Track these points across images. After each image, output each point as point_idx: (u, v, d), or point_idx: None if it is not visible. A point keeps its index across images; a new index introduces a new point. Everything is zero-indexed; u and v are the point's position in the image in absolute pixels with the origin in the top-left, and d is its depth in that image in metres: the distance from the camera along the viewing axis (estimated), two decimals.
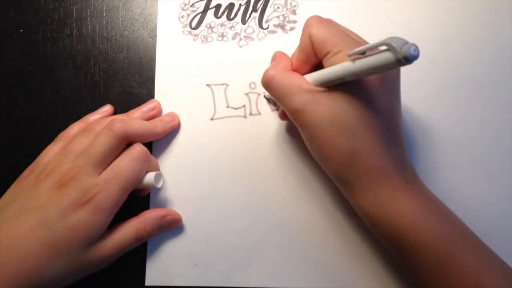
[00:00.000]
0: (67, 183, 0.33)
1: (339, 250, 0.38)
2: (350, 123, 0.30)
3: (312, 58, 0.32)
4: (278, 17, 0.41)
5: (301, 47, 0.33)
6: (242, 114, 0.40)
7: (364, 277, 0.37)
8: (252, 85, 0.40)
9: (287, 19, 0.41)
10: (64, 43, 0.42)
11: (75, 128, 0.38)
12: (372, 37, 0.33)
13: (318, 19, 0.32)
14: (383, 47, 0.25)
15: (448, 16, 0.40)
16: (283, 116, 0.37)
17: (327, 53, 0.31)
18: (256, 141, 0.39)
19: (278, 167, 0.39)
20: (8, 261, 0.30)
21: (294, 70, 0.34)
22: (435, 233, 0.29)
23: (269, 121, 0.39)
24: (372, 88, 0.30)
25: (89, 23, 0.42)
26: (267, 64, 0.39)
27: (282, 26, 0.41)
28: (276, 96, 0.33)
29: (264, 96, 0.40)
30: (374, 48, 0.26)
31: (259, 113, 0.39)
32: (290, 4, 0.41)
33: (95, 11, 0.42)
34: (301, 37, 0.33)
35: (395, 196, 0.30)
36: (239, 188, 0.39)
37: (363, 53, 0.27)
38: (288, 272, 0.38)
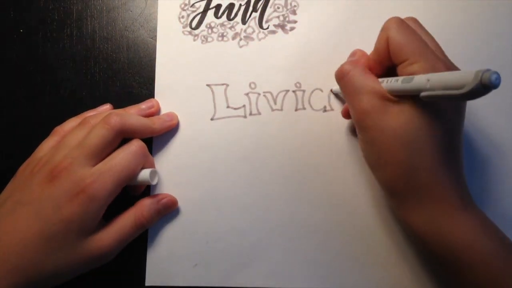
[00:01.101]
0: (59, 174, 0.32)
1: (339, 251, 0.38)
2: (416, 136, 0.29)
3: (387, 61, 0.32)
4: (278, 17, 0.41)
5: (376, 48, 0.32)
6: (242, 114, 0.40)
7: (364, 277, 0.37)
8: (252, 85, 0.40)
9: (287, 19, 0.41)
10: (64, 43, 0.42)
11: (71, 122, 0.38)
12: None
13: (399, 21, 0.31)
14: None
15: (448, 16, 0.40)
16: (346, 114, 0.37)
17: (404, 61, 0.30)
18: (256, 141, 0.39)
19: (278, 167, 0.39)
20: (7, 256, 0.30)
21: (369, 68, 0.33)
22: (489, 252, 0.29)
23: (269, 121, 0.39)
24: (441, 105, 0.29)
25: (89, 23, 0.42)
26: (267, 64, 0.39)
27: (282, 26, 0.41)
28: (347, 92, 0.32)
29: (331, 91, 0.39)
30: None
31: (259, 113, 0.39)
32: (290, 4, 0.41)
33: (95, 11, 0.42)
34: (378, 38, 0.32)
35: (452, 215, 0.30)
36: (239, 188, 0.39)
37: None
38: (288, 272, 0.38)
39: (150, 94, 0.40)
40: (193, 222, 0.38)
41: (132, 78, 0.41)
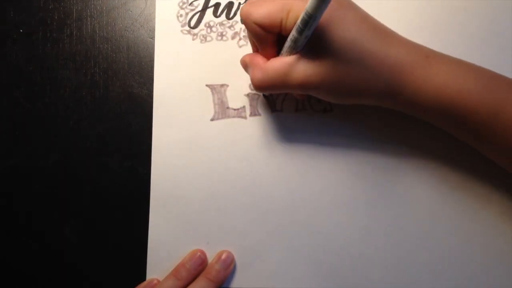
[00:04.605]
0: None
1: (339, 251, 0.38)
2: (342, 53, 0.30)
3: (271, 39, 0.32)
4: None
5: (256, 38, 0.33)
6: (242, 115, 0.40)
7: (364, 277, 0.37)
8: (252, 86, 0.40)
9: None
10: (64, 43, 0.41)
11: None
12: None
13: (249, 4, 0.32)
14: None
15: (448, 16, 0.40)
16: (301, 96, 0.37)
17: (280, 23, 0.31)
18: (256, 142, 0.39)
19: (278, 168, 0.39)
20: None
21: (267, 58, 0.34)
22: (478, 91, 0.30)
23: (269, 122, 0.39)
24: (334, 17, 0.30)
25: (89, 23, 0.42)
26: None
27: None
28: (278, 90, 0.33)
29: (264, 96, 0.40)
30: None
31: (259, 114, 0.39)
32: None
33: (95, 11, 0.42)
34: (249, 31, 0.33)
35: (426, 74, 0.31)
36: (240, 189, 0.39)
37: None
38: (288, 272, 0.38)
39: (150, 94, 0.40)
40: (193, 222, 0.38)
41: (132, 78, 0.41)
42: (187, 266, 0.37)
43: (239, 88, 0.40)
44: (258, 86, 0.33)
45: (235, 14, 0.41)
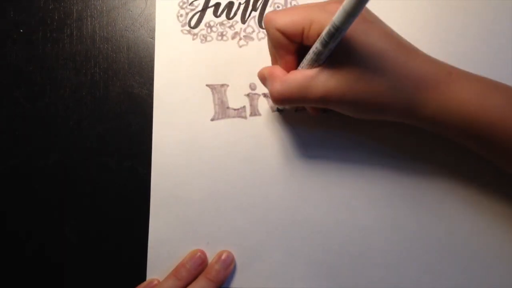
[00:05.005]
0: None
1: (339, 251, 0.38)
2: (367, 66, 0.30)
3: (292, 48, 0.32)
4: None
5: (276, 46, 0.33)
6: (242, 115, 0.40)
7: (364, 277, 0.37)
8: (252, 86, 0.40)
9: None
10: (64, 43, 0.41)
11: None
12: None
13: (273, 12, 0.32)
14: None
15: (448, 16, 0.40)
16: (315, 111, 0.37)
17: (302, 32, 0.31)
18: (256, 142, 0.39)
19: (278, 168, 0.39)
20: None
21: (286, 70, 0.34)
22: (502, 106, 0.30)
23: (269, 122, 0.39)
24: (358, 31, 0.30)
25: (89, 23, 0.42)
26: (267, 64, 0.39)
27: None
28: (297, 103, 0.33)
29: (277, 109, 0.40)
30: None
31: (259, 114, 0.39)
32: (290, 3, 0.41)
33: (95, 11, 0.42)
34: (270, 37, 0.33)
35: (449, 91, 0.31)
36: (240, 189, 0.39)
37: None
38: (288, 272, 0.38)
39: (150, 94, 0.40)
40: (194, 222, 0.38)
41: (132, 78, 0.41)
42: (187, 266, 0.37)
43: (239, 88, 0.40)
44: (277, 98, 0.33)
45: (235, 14, 0.41)
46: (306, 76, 0.31)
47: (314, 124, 0.39)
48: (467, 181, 0.38)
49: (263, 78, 0.35)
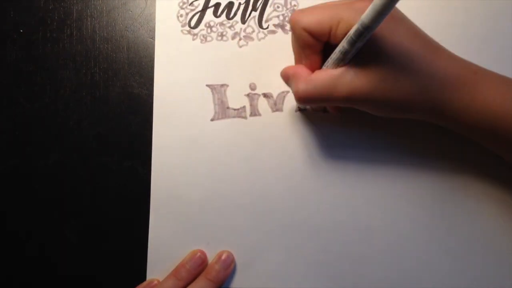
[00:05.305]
0: None
1: (340, 251, 0.38)
2: (394, 65, 0.30)
3: (318, 47, 0.32)
4: (278, 16, 0.41)
5: (302, 46, 0.33)
6: (242, 115, 0.40)
7: (364, 277, 0.37)
8: (252, 86, 0.40)
9: (287, 19, 0.41)
10: (64, 43, 0.41)
11: None
12: None
13: (299, 11, 0.32)
14: None
15: (448, 16, 0.40)
16: (336, 110, 0.37)
17: (330, 31, 0.31)
18: (256, 142, 0.39)
19: (278, 168, 0.39)
20: None
21: (311, 70, 0.34)
22: None
23: (270, 122, 0.39)
24: (385, 30, 0.30)
25: (89, 23, 0.42)
26: (267, 64, 0.39)
27: (282, 26, 0.41)
28: (322, 102, 0.33)
29: (299, 108, 0.39)
30: None
31: (259, 114, 0.39)
32: (290, 3, 0.41)
33: (95, 11, 0.42)
34: (295, 37, 0.33)
35: (474, 91, 0.31)
36: (240, 189, 0.39)
37: None
38: (288, 272, 0.38)
39: (150, 94, 0.40)
40: (194, 222, 0.38)
41: (132, 78, 0.41)
42: (187, 266, 0.37)
43: (239, 88, 0.40)
44: (302, 97, 0.33)
45: (235, 14, 0.41)
46: (332, 76, 0.31)
47: (314, 124, 0.39)
48: (467, 181, 0.38)
49: (287, 77, 0.35)
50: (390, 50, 0.30)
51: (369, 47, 0.30)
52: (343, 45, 0.29)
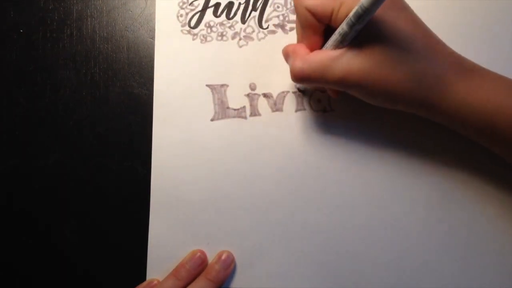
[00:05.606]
0: None
1: (339, 251, 0.38)
2: (391, 52, 0.30)
3: (319, 29, 0.32)
4: (278, 16, 0.41)
5: (304, 25, 0.33)
6: (242, 115, 0.40)
7: (364, 277, 0.37)
8: (252, 86, 0.40)
9: (287, 18, 0.41)
10: (64, 43, 0.41)
11: None
12: None
13: None
14: None
15: (449, 16, 0.40)
16: (335, 93, 0.37)
17: (331, 13, 0.31)
18: (256, 142, 0.39)
19: (278, 168, 0.39)
20: None
21: (310, 50, 0.34)
22: None
23: (270, 122, 0.39)
24: (386, 16, 0.30)
25: (89, 23, 0.42)
26: (267, 64, 0.39)
27: (282, 26, 0.41)
28: (315, 82, 0.33)
29: (298, 89, 0.39)
30: None
31: (259, 114, 0.39)
32: (290, 3, 0.41)
33: (95, 11, 0.42)
34: (298, 16, 0.33)
35: (469, 87, 0.31)
36: (240, 189, 0.39)
37: None
38: (288, 272, 0.38)
39: (150, 94, 0.40)
40: (194, 223, 0.38)
41: (132, 78, 0.41)
42: (187, 266, 0.37)
43: (239, 88, 0.40)
44: (297, 75, 0.33)
45: (235, 14, 0.41)
46: (329, 56, 0.31)
47: (314, 124, 0.39)
48: (468, 181, 0.38)
49: (287, 55, 0.35)
50: (389, 34, 0.30)
51: (368, 30, 0.30)
52: (342, 27, 0.29)
